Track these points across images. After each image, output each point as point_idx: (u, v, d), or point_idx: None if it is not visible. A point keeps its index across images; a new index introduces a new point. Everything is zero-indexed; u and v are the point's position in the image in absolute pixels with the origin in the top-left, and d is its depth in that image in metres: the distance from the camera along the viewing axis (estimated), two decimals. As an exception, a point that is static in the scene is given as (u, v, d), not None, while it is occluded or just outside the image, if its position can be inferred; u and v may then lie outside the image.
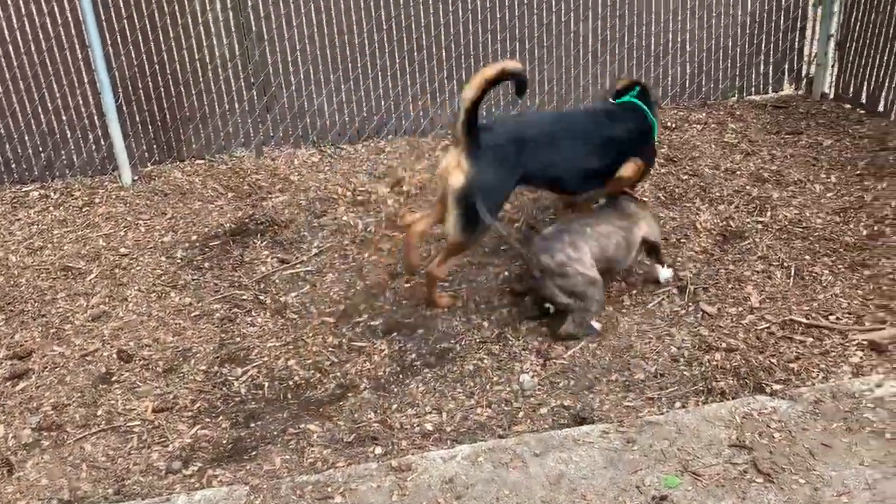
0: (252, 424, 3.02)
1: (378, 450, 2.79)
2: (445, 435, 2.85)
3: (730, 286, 3.54)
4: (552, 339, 3.30)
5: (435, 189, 3.70)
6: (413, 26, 4.99)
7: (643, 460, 2.55)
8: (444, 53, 5.09)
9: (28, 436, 3.00)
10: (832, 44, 5.42)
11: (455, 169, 3.26)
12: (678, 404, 2.87)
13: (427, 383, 3.15)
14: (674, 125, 5.21)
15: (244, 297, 3.80)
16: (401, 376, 3.22)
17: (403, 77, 5.09)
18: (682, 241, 3.90)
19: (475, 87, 3.11)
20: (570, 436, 2.68)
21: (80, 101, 4.76)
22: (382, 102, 5.13)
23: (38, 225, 4.46)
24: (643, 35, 5.27)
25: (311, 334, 3.50)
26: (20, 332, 3.60)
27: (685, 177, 4.54)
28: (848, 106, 5.34)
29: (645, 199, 4.12)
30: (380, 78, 5.07)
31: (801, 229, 3.93)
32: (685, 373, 3.04)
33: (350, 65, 5.00)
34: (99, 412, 3.12)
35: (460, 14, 5.01)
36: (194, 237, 4.32)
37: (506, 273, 3.79)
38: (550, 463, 2.56)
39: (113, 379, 3.30)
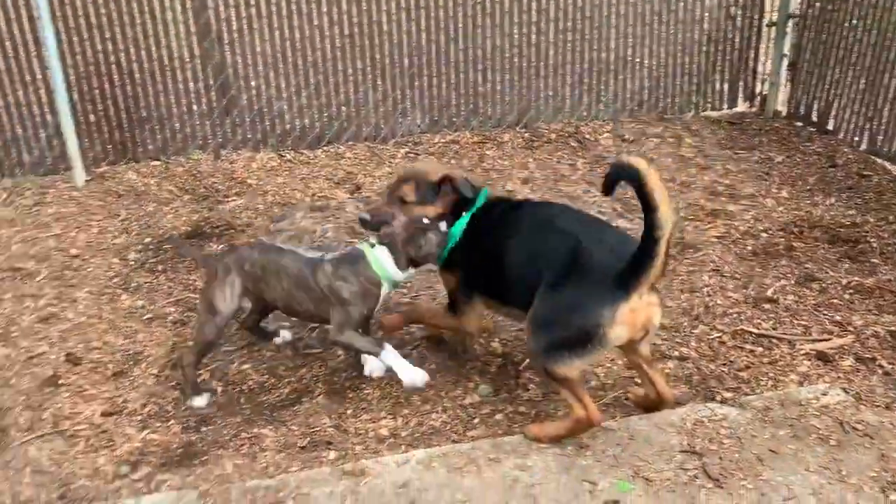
0: (203, 429, 2.96)
1: (332, 454, 2.76)
2: (400, 440, 2.83)
3: (683, 296, 3.59)
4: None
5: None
6: (376, 33, 4.99)
7: (596, 466, 2.57)
8: (406, 62, 5.10)
9: (-30, 440, 2.90)
10: (785, 63, 5.57)
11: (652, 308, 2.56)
12: (631, 411, 2.90)
13: (383, 389, 3.13)
14: (631, 138, 5.29)
15: (198, 301, 3.73)
16: (357, 381, 3.19)
17: (365, 83, 5.09)
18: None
19: None
20: (525, 441, 2.68)
21: (33, 99, 4.65)
22: (343, 108, 5.11)
23: (-16, 224, 4.34)
24: (602, 49, 5.35)
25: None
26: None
27: (642, 189, 4.61)
28: (799, 123, 5.49)
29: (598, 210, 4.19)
30: (341, 84, 5.05)
31: (752, 242, 4.02)
32: (638, 381, 3.07)
33: (311, 70, 4.98)
34: (45, 415, 3.02)
35: (422, 23, 5.03)
36: (148, 239, 4.24)
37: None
38: (505, 468, 2.56)
39: (60, 382, 3.21)
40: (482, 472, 2.54)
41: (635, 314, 2.47)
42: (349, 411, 3.00)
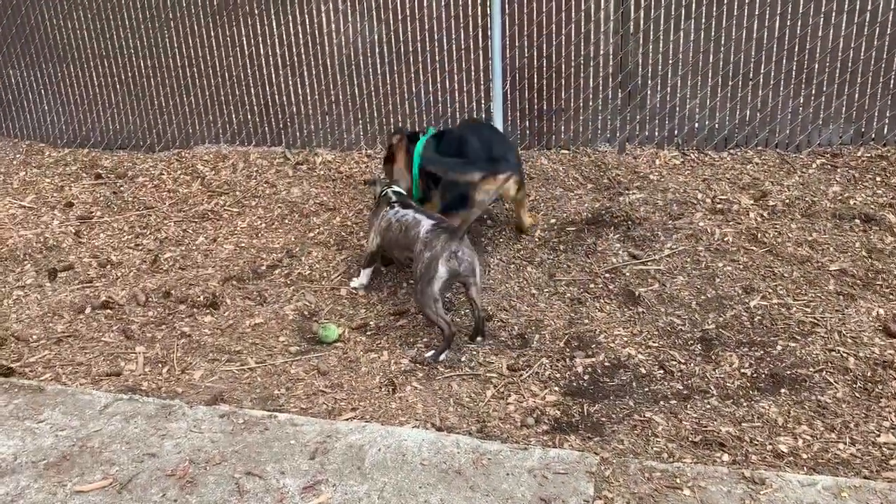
0: (598, 404, 3.16)
1: (725, 457, 2.76)
2: (801, 461, 2.72)
3: None
4: None
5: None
6: (808, 37, 4.72)
7: None
8: (837, 68, 4.74)
9: (406, 365, 3.48)
10: None
11: None
12: None
13: (780, 405, 3.03)
14: None
15: (593, 284, 3.96)
16: (751, 392, 3.13)
17: (787, 88, 4.85)
18: None
19: None
20: (958, 499, 2.40)
21: (473, 87, 5.30)
22: (758, 113, 4.93)
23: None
24: None
25: (655, 332, 3.55)
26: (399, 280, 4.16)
27: None
28: None
29: None
30: (760, 87, 4.88)
31: None
32: None
33: (731, 71, 4.89)
34: (462, 358, 3.49)
35: (865, 28, 4.62)
36: (552, 220, 4.59)
37: None
38: (930, 520, 2.32)
39: (475, 333, 3.67)
40: (902, 518, 2.33)
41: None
42: (743, 419, 2.96)
